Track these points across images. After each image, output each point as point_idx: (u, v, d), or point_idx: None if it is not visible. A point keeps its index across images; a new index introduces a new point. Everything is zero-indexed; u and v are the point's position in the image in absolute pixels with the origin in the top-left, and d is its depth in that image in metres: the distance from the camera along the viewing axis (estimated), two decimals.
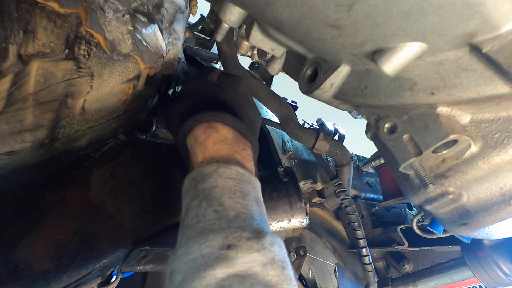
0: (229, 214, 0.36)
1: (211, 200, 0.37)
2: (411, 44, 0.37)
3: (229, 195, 0.38)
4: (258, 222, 0.37)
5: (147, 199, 0.59)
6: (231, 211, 0.36)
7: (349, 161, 0.81)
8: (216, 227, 0.34)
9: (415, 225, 0.81)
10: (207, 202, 0.37)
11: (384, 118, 0.50)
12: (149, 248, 0.56)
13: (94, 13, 0.39)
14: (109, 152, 0.59)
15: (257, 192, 0.43)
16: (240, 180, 0.40)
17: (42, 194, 0.51)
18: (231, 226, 0.35)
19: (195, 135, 0.45)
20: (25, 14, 0.33)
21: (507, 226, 0.47)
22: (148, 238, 0.56)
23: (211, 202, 0.37)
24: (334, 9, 0.36)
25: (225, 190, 0.38)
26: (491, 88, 0.36)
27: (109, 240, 0.52)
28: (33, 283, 0.44)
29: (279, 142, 1.03)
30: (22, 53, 0.34)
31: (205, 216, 0.36)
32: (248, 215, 0.37)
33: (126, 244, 0.54)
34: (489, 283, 0.75)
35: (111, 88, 0.48)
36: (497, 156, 0.42)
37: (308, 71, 0.59)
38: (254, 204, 0.39)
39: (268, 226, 0.39)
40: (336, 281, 1.03)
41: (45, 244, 0.48)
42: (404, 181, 0.56)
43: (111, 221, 0.54)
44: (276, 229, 0.62)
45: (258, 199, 0.42)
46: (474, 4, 0.28)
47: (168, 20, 0.52)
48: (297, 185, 0.64)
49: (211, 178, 0.39)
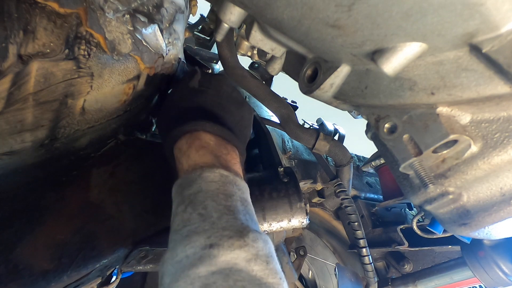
0: (213, 215, 0.37)
1: (196, 204, 0.38)
2: (411, 44, 0.37)
3: (213, 198, 0.39)
4: (242, 222, 0.38)
5: (147, 199, 0.59)
6: (214, 212, 0.37)
7: (349, 161, 0.81)
8: (200, 229, 0.35)
9: (415, 225, 0.81)
10: (192, 206, 0.38)
11: (384, 118, 0.50)
12: (149, 248, 0.56)
13: (94, 13, 0.39)
14: (109, 152, 0.59)
15: (242, 193, 0.43)
16: (224, 182, 0.41)
17: (42, 194, 0.51)
18: (214, 227, 0.36)
19: (178, 147, 0.46)
20: (25, 14, 0.33)
21: (507, 226, 0.47)
22: (148, 238, 0.56)
23: (196, 206, 0.38)
24: (334, 9, 0.36)
25: (208, 194, 0.39)
26: (491, 88, 0.36)
27: (109, 240, 0.52)
28: (33, 283, 0.45)
29: (279, 142, 1.03)
30: (22, 53, 0.34)
31: (190, 220, 0.37)
32: (231, 216, 0.38)
33: (126, 244, 0.54)
34: (489, 283, 0.75)
35: (111, 88, 0.48)
36: (497, 156, 0.42)
37: (308, 71, 0.59)
38: (239, 204, 0.40)
39: (255, 224, 0.40)
40: (336, 281, 1.03)
41: (45, 244, 0.48)
42: (404, 181, 0.56)
43: (111, 221, 0.54)
44: (276, 229, 0.62)
45: (243, 199, 0.42)
46: (474, 4, 0.28)
47: (168, 20, 0.52)
48: (297, 185, 0.64)
49: (195, 183, 0.40)
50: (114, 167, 0.59)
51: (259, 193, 0.62)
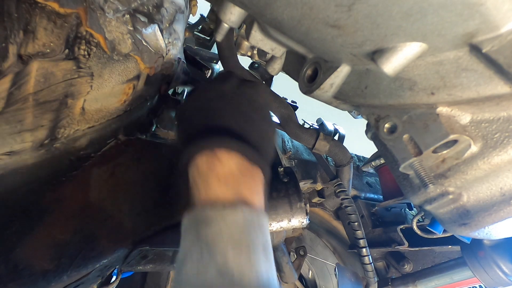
0: (233, 273, 0.33)
1: (214, 252, 0.34)
2: (411, 44, 0.37)
3: (234, 247, 0.35)
4: (264, 282, 0.34)
5: (147, 199, 0.59)
6: (235, 270, 0.34)
7: (349, 161, 0.81)
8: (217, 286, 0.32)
9: (415, 225, 0.81)
10: (209, 253, 0.35)
11: (384, 118, 0.50)
12: (149, 248, 0.56)
13: (94, 13, 0.39)
14: (109, 152, 0.59)
15: (265, 236, 0.39)
16: (247, 226, 0.37)
17: (42, 194, 0.51)
18: (233, 285, 0.33)
19: (197, 166, 0.41)
20: (25, 14, 0.33)
21: (507, 226, 0.47)
22: (148, 238, 0.56)
23: (214, 255, 0.34)
24: (334, 9, 0.36)
25: (229, 241, 0.35)
26: (491, 88, 0.36)
27: (109, 240, 0.52)
28: (33, 283, 0.44)
29: (279, 142, 1.03)
30: (22, 53, 0.34)
31: (206, 272, 0.33)
32: (253, 276, 0.34)
33: (126, 244, 0.54)
34: (489, 283, 0.75)
35: (111, 88, 0.48)
36: (497, 156, 0.42)
37: (308, 71, 0.59)
38: (262, 256, 0.37)
39: (274, 278, 0.37)
40: (336, 281, 1.03)
41: (45, 244, 0.48)
42: (404, 181, 0.55)
43: (111, 221, 0.54)
44: (276, 229, 0.62)
45: (266, 244, 0.39)
46: (474, 4, 0.28)
47: (168, 20, 0.52)
48: (297, 185, 0.64)
49: (214, 223, 0.36)
50: (114, 167, 0.59)
51: None
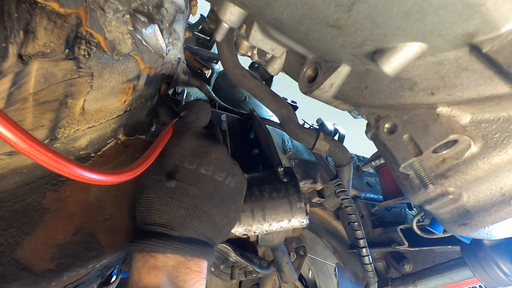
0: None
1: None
2: (411, 44, 0.37)
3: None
4: None
5: None
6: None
7: (349, 161, 0.81)
8: None
9: (415, 225, 0.81)
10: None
11: (384, 118, 0.50)
12: None
13: (94, 13, 0.39)
14: (109, 152, 0.59)
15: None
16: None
17: (42, 194, 0.51)
18: None
19: (134, 258, 0.46)
20: (25, 14, 0.33)
21: (507, 226, 0.47)
22: None
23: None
24: (334, 9, 0.36)
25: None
26: (491, 88, 0.36)
27: (109, 240, 0.52)
28: (33, 283, 0.44)
29: (279, 142, 1.03)
30: (22, 53, 0.34)
31: None
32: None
33: (126, 244, 0.54)
34: (489, 283, 0.75)
35: (111, 88, 0.48)
36: (497, 156, 0.42)
37: (308, 71, 0.59)
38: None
39: None
40: (336, 281, 1.03)
41: (45, 244, 0.48)
42: (404, 181, 0.55)
43: (111, 221, 0.54)
44: (276, 229, 0.62)
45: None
46: (474, 4, 0.28)
47: (168, 20, 0.52)
48: (297, 185, 0.64)
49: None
50: (114, 167, 0.59)
51: (259, 193, 0.62)
